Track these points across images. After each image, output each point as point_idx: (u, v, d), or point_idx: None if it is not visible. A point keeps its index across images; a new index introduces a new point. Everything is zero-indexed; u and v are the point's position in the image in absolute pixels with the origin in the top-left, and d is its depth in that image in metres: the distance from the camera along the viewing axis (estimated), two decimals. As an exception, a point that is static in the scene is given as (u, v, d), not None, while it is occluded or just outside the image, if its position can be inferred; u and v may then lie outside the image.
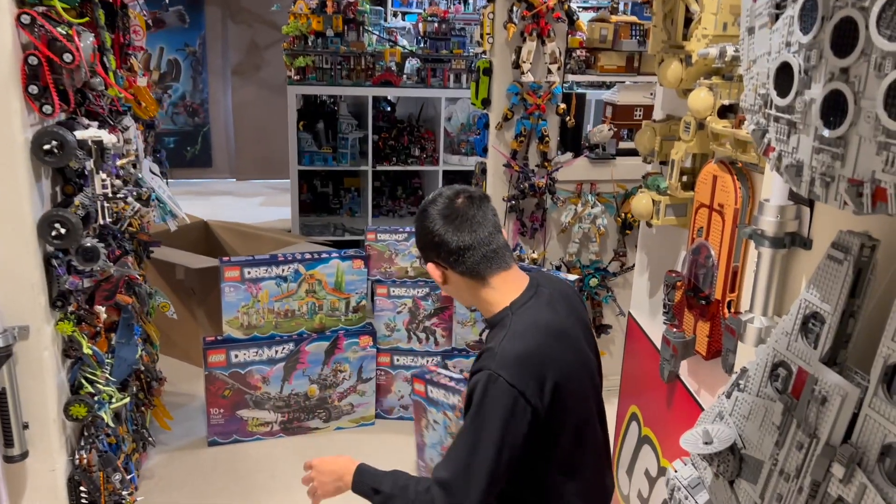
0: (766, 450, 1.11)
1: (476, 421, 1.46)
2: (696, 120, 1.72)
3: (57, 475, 1.77)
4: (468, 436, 1.46)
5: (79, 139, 1.65)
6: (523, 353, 1.49)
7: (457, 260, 1.59)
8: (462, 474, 1.44)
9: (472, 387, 1.49)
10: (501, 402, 1.45)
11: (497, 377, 1.45)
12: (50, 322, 1.72)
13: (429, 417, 2.42)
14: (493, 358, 1.48)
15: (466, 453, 1.45)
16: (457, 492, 1.44)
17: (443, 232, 1.59)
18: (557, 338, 1.58)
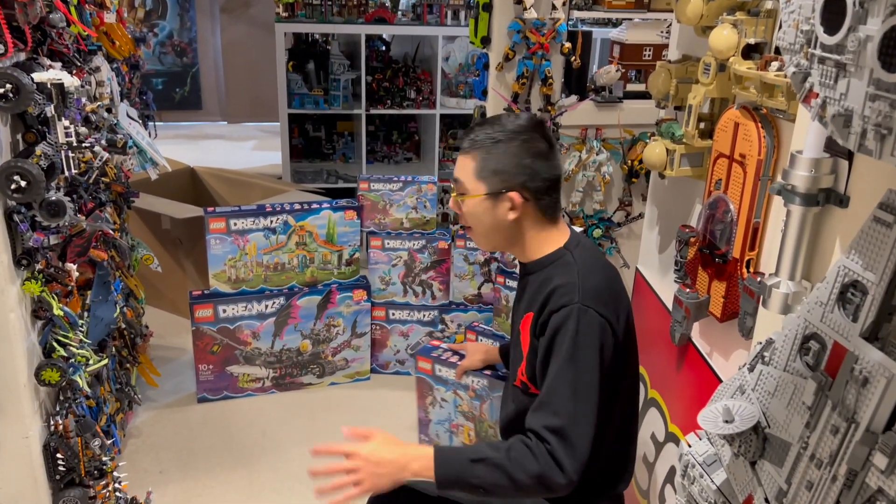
0: (794, 431, 1.01)
1: (573, 357, 1.38)
2: (717, 61, 1.57)
3: (31, 442, 1.68)
4: (568, 374, 1.38)
5: (37, 82, 1.50)
6: (603, 286, 1.47)
7: (545, 193, 1.52)
8: (572, 416, 1.36)
9: (560, 323, 1.41)
10: (595, 333, 1.40)
11: (587, 309, 1.40)
12: (15, 282, 1.59)
13: (435, 395, 2.34)
14: (576, 292, 1.42)
15: (572, 392, 1.37)
16: (572, 434, 1.34)
17: (540, 160, 1.51)
18: (617, 273, 1.59)
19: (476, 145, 1.52)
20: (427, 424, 2.42)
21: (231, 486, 2.38)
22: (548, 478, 1.33)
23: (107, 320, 1.93)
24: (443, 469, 1.37)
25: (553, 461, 1.33)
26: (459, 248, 2.89)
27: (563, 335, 1.40)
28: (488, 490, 1.36)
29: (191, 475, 2.42)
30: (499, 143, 1.50)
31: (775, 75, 1.39)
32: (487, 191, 1.51)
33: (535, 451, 1.34)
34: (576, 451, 1.34)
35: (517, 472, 1.34)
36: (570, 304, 1.41)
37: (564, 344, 1.39)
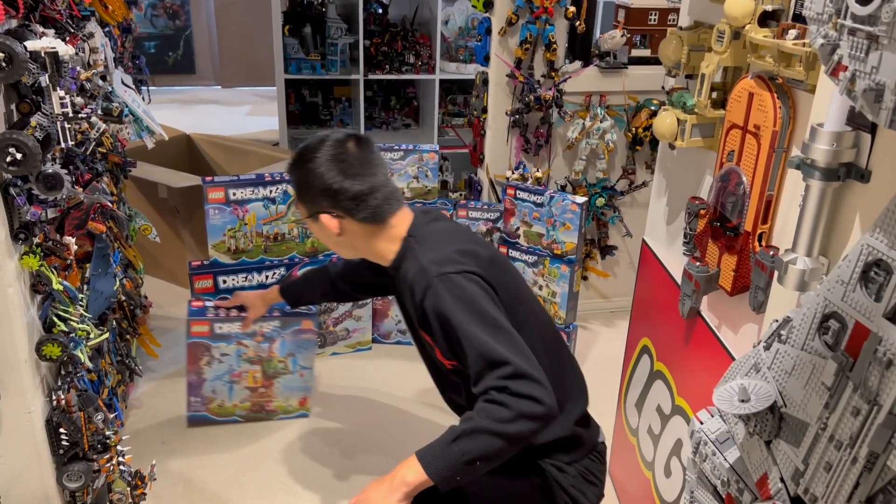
0: (812, 412, 0.99)
1: (468, 317, 1.41)
2: (732, 28, 1.52)
3: (33, 417, 1.66)
4: (477, 332, 1.40)
5: (30, 50, 1.45)
6: (448, 249, 1.53)
7: (358, 206, 1.56)
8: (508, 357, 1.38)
9: (433, 303, 1.45)
10: (466, 286, 1.45)
11: (444, 276, 1.45)
12: (13, 256, 1.56)
13: (213, 353, 2.42)
14: (425, 271, 1.49)
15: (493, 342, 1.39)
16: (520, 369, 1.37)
17: (340, 178, 1.55)
18: (465, 232, 1.71)
19: (291, 169, 1.64)
20: (200, 386, 2.47)
21: (234, 456, 2.38)
22: (527, 412, 1.34)
23: (107, 293, 1.90)
24: (432, 465, 1.36)
25: (522, 397, 1.34)
26: (461, 218, 2.86)
27: (445, 310, 1.43)
28: (484, 458, 1.35)
29: (193, 446, 2.42)
30: (299, 171, 1.60)
31: (793, 44, 1.34)
32: (307, 214, 1.63)
33: (501, 399, 1.35)
34: (536, 381, 1.37)
35: (496, 425, 1.34)
36: (430, 283, 1.46)
37: (451, 315, 1.42)
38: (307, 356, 2.53)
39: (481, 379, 1.39)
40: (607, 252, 3.11)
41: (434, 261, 1.49)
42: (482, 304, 1.43)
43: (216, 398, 2.50)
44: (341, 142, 1.58)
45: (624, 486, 2.20)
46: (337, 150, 1.57)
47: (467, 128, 4.71)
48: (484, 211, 2.85)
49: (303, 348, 2.51)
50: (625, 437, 2.13)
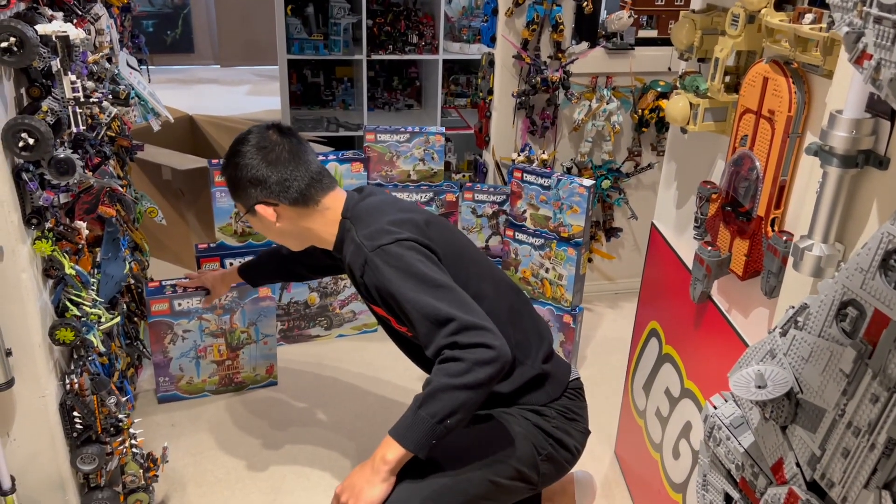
0: (829, 398, 1.00)
1: (404, 284, 1.45)
2: (747, 12, 1.51)
3: (47, 401, 1.67)
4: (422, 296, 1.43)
5: (41, 35, 1.43)
6: (379, 223, 1.56)
7: (284, 189, 1.62)
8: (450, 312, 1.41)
9: (373, 276, 1.50)
10: (402, 257, 1.48)
11: (378, 250, 1.50)
12: (26, 241, 1.56)
13: (176, 331, 2.45)
14: (360, 248, 1.54)
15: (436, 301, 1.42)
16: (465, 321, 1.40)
17: (263, 165, 1.62)
18: (397, 201, 1.73)
19: (222, 174, 1.72)
20: (166, 365, 2.50)
21: (243, 438, 2.40)
22: (480, 359, 1.37)
23: (117, 277, 1.91)
24: (406, 437, 1.40)
25: (472, 347, 1.38)
26: (467, 201, 2.86)
27: (384, 281, 1.47)
28: (452, 413, 1.38)
29: (202, 428, 2.44)
30: (228, 169, 1.68)
31: (810, 28, 1.34)
32: (245, 210, 1.70)
33: (453, 355, 1.39)
34: (481, 326, 1.40)
35: (454, 379, 1.37)
36: (366, 259, 1.51)
37: (393, 282, 1.46)
38: (268, 324, 2.56)
39: (431, 340, 1.43)
40: (612, 234, 3.12)
41: (367, 236, 1.54)
42: (419, 268, 1.47)
43: (184, 375, 2.52)
44: (263, 131, 1.66)
45: (631, 467, 2.22)
46: (259, 140, 1.64)
47: (470, 108, 4.71)
48: (490, 193, 2.84)
49: (263, 316, 2.54)
50: (632, 419, 2.15)
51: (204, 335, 2.47)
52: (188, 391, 2.54)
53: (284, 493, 2.17)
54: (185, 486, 2.18)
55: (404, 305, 1.46)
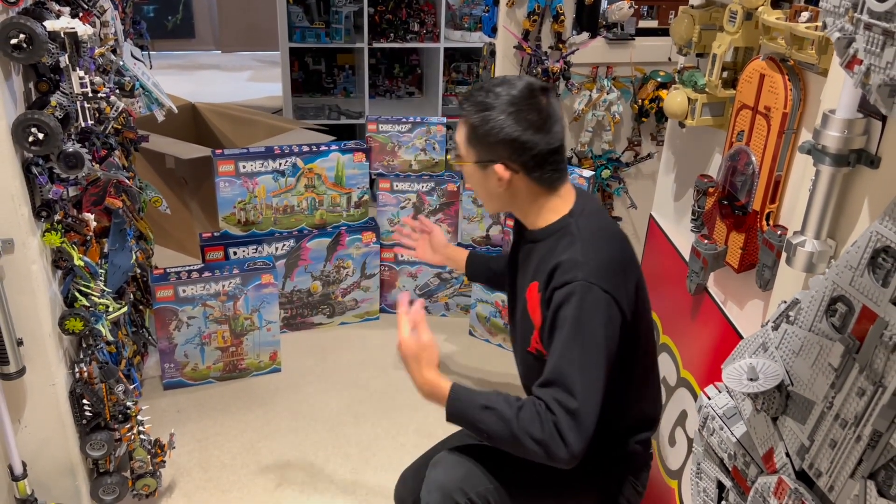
0: (818, 391, 1.04)
1: (578, 334, 1.38)
2: (745, 9, 1.53)
3: (57, 389, 1.72)
4: (575, 352, 1.37)
5: (49, 31, 1.46)
6: (607, 259, 1.43)
7: (537, 166, 1.46)
8: (581, 394, 1.35)
9: (562, 300, 1.39)
10: (601, 309, 1.39)
11: (591, 286, 1.38)
12: (35, 234, 1.60)
13: (181, 317, 2.49)
14: (580, 268, 1.40)
15: (579, 371, 1.37)
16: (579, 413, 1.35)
17: (531, 132, 1.44)
18: (623, 239, 1.55)
19: (469, 111, 1.48)
20: (171, 352, 2.54)
21: (248, 424, 2.44)
22: (550, 448, 1.34)
23: (124, 267, 1.94)
24: (454, 408, 1.42)
25: (558, 435, 1.34)
26: (468, 191, 2.89)
27: (565, 312, 1.39)
28: (491, 437, 1.39)
29: (208, 414, 2.48)
30: (489, 112, 1.44)
31: (806, 27, 1.36)
32: (476, 160, 1.50)
33: (543, 419, 1.35)
34: (581, 429, 1.34)
35: (521, 432, 1.35)
36: (574, 280, 1.39)
37: (567, 321, 1.38)
38: (271, 311, 2.59)
39: (545, 387, 1.39)
40: (612, 223, 3.14)
41: (593, 264, 1.42)
42: (597, 334, 1.39)
43: (189, 362, 2.56)
44: (532, 91, 1.45)
45: (628, 453, 2.26)
46: (527, 99, 1.44)
47: (471, 96, 4.72)
48: (491, 183, 2.87)
49: (266, 303, 2.57)
50: (629, 407, 2.19)
51: (208, 322, 2.51)
52: (193, 377, 2.58)
53: (289, 478, 2.22)
54: (191, 471, 2.23)
55: (556, 345, 1.40)
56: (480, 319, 2.90)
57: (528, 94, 1.45)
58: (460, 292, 3.05)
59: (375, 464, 2.28)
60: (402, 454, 2.29)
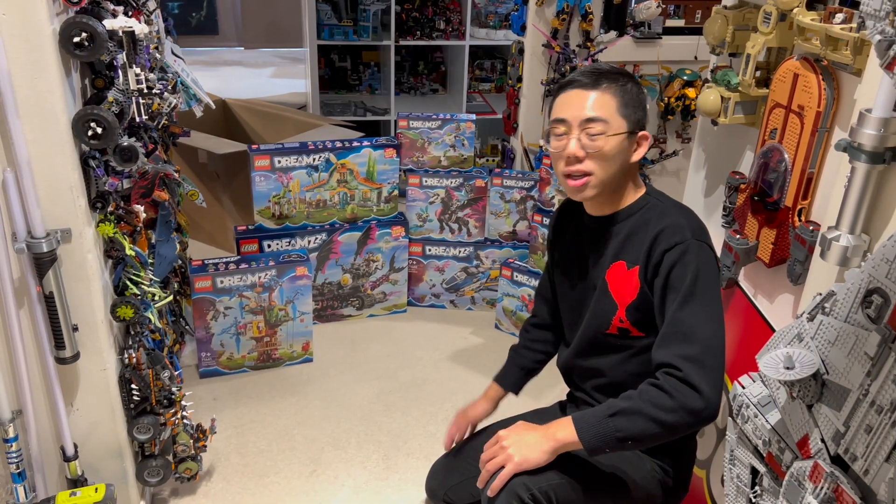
0: (854, 379, 1.08)
1: (696, 289, 1.42)
2: (779, 10, 1.57)
3: (108, 374, 1.78)
4: (695, 305, 1.41)
5: (108, 30, 1.52)
6: (701, 224, 1.52)
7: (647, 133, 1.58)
8: (705, 342, 1.39)
9: (676, 258, 1.44)
10: (713, 265, 1.46)
11: (701, 244, 1.45)
12: (91, 224, 1.66)
13: (217, 307, 2.56)
14: (686, 229, 1.47)
15: (702, 321, 1.40)
16: (706, 359, 1.37)
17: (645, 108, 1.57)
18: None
19: (609, 84, 1.51)
20: (208, 341, 2.60)
21: (282, 412, 2.51)
22: (686, 405, 1.34)
23: (169, 258, 2.01)
24: (585, 432, 1.40)
25: (688, 387, 1.34)
26: (496, 186, 2.94)
27: (682, 269, 1.43)
28: (637, 439, 1.38)
29: (243, 402, 2.55)
30: (627, 84, 1.52)
31: (840, 28, 1.40)
32: (628, 129, 1.51)
33: (667, 386, 1.36)
34: (711, 375, 1.36)
35: (655, 411, 1.35)
36: (684, 240, 1.44)
37: (687, 277, 1.42)
38: (305, 302, 2.65)
39: (664, 347, 1.41)
40: (636, 220, 3.18)
41: (696, 226, 1.49)
42: (714, 287, 1.44)
43: (225, 351, 2.63)
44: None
45: (654, 444, 2.30)
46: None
47: (495, 93, 4.77)
48: (518, 179, 2.92)
49: (301, 294, 2.64)
50: (656, 399, 2.23)
51: (244, 312, 2.58)
52: (228, 366, 2.65)
53: (323, 463, 2.28)
54: (229, 455, 2.30)
55: (672, 302, 1.42)
56: (507, 313, 2.95)
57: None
58: (486, 286, 3.10)
59: (407, 451, 2.34)
60: (432, 442, 2.35)
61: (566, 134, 1.51)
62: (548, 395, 2.18)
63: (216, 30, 7.69)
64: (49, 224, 1.56)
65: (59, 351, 1.66)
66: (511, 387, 1.89)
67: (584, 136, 1.49)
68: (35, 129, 1.49)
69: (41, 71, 1.45)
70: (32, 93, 1.46)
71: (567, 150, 1.50)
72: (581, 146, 1.49)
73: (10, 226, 1.53)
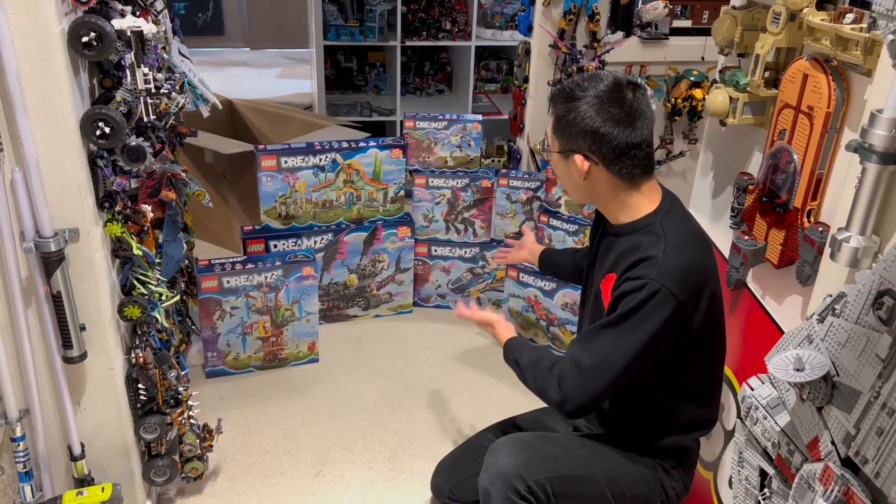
0: (865, 381, 1.07)
1: (627, 323, 1.45)
2: (788, 10, 1.57)
3: (115, 374, 1.78)
4: (616, 333, 1.46)
5: (117, 29, 1.52)
6: (687, 266, 1.46)
7: (616, 159, 1.48)
8: (598, 364, 1.48)
9: (629, 290, 1.45)
10: (661, 311, 1.43)
11: (660, 287, 1.42)
12: (98, 224, 1.67)
13: (224, 307, 2.56)
14: (657, 268, 1.44)
15: (610, 348, 1.47)
16: (588, 376, 1.49)
17: (611, 125, 1.45)
18: (708, 246, 1.58)
19: (556, 100, 1.53)
20: (215, 341, 2.61)
21: (288, 412, 2.51)
22: (546, 393, 1.55)
23: (177, 258, 2.01)
24: (509, 345, 1.71)
25: (558, 381, 1.51)
26: (502, 187, 2.93)
27: (629, 301, 1.44)
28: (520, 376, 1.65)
29: (249, 402, 2.55)
30: (574, 103, 1.48)
31: (851, 29, 1.39)
32: (558, 149, 1.54)
33: (553, 370, 1.55)
34: (583, 385, 1.49)
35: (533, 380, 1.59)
36: (646, 278, 1.42)
37: (626, 308, 1.44)
38: (311, 302, 2.66)
39: (575, 342, 1.58)
40: (643, 221, 3.17)
41: (672, 267, 1.44)
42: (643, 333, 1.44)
43: (231, 351, 2.63)
44: (618, 86, 1.48)
45: (661, 446, 2.30)
46: (613, 94, 1.46)
47: (500, 94, 4.77)
48: (524, 180, 2.91)
49: (307, 294, 2.64)
50: (663, 401, 2.23)
51: (250, 312, 2.58)
52: (234, 366, 2.66)
53: (329, 463, 2.28)
54: (235, 455, 2.30)
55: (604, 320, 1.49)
56: (513, 314, 2.95)
57: (614, 88, 1.47)
58: (493, 287, 3.09)
59: (413, 452, 2.34)
60: (438, 443, 2.35)
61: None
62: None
63: (222, 30, 7.70)
64: (57, 223, 1.57)
65: (67, 350, 1.66)
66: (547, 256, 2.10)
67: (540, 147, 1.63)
68: (43, 128, 1.50)
69: (50, 70, 1.46)
70: (41, 92, 1.47)
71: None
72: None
73: (19, 225, 1.54)
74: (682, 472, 1.69)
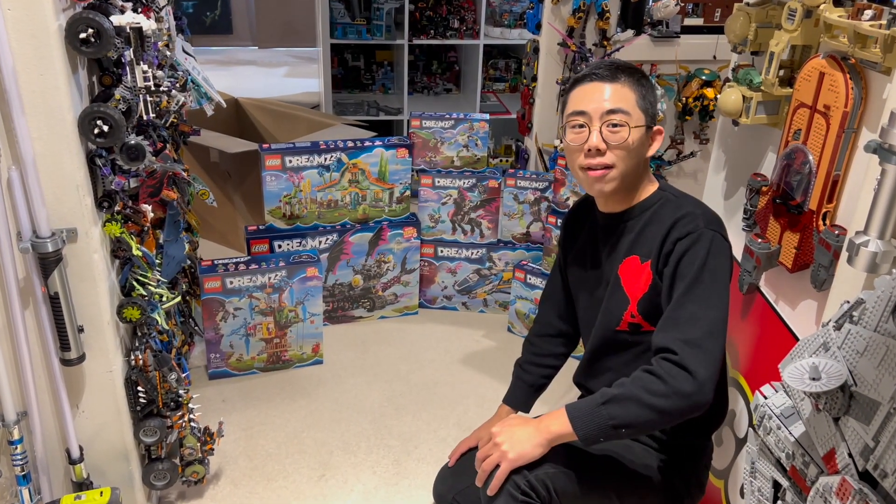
0: (884, 391, 1.03)
1: (704, 276, 1.41)
2: (804, 7, 1.52)
3: (114, 376, 1.76)
4: (700, 291, 1.40)
5: (116, 26, 1.49)
6: (715, 215, 1.50)
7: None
8: (709, 329, 1.37)
9: (688, 247, 1.43)
10: (724, 254, 1.44)
11: (714, 233, 1.44)
12: (97, 224, 1.64)
13: (227, 308, 2.53)
14: (701, 218, 1.46)
15: (705, 307, 1.39)
16: (703, 343, 1.36)
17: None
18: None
19: (627, 78, 1.51)
20: (218, 342, 2.57)
21: (292, 415, 2.48)
22: (679, 389, 1.32)
23: (178, 258, 1.98)
24: (579, 421, 1.37)
25: (682, 370, 1.33)
26: (509, 187, 2.89)
27: (691, 257, 1.42)
28: (631, 426, 1.35)
29: (252, 404, 2.52)
30: (642, 79, 1.52)
31: (870, 25, 1.35)
32: (646, 122, 1.51)
33: (660, 371, 1.34)
34: (708, 359, 1.34)
35: (648, 397, 1.33)
36: (697, 229, 1.43)
37: (695, 265, 1.41)
38: (315, 303, 2.62)
39: (666, 330, 1.40)
40: (652, 222, 3.13)
41: (706, 216, 1.47)
42: (722, 277, 1.43)
43: (234, 352, 2.61)
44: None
45: (670, 452, 2.26)
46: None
47: (509, 93, 4.72)
48: (532, 180, 2.87)
49: (311, 295, 2.60)
50: (673, 406, 2.18)
51: (254, 313, 2.55)
52: (238, 368, 2.63)
53: (332, 467, 2.25)
54: (237, 459, 2.27)
55: (679, 288, 1.42)
56: (519, 316, 2.91)
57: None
58: (499, 289, 3.06)
59: (417, 456, 2.30)
60: (443, 447, 2.31)
61: (586, 126, 1.48)
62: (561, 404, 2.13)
63: (230, 29, 7.69)
64: (54, 223, 1.54)
65: (65, 352, 1.63)
66: (521, 406, 1.86)
67: (605, 128, 1.46)
68: (41, 126, 1.47)
69: (47, 67, 1.43)
70: (38, 90, 1.44)
71: (588, 143, 1.47)
72: (603, 138, 1.47)
73: (16, 225, 1.51)
74: (694, 471, 1.64)
